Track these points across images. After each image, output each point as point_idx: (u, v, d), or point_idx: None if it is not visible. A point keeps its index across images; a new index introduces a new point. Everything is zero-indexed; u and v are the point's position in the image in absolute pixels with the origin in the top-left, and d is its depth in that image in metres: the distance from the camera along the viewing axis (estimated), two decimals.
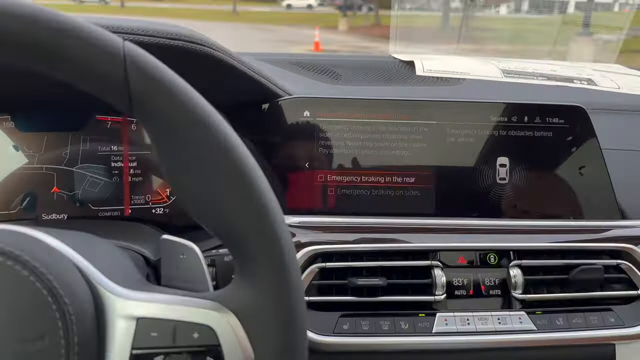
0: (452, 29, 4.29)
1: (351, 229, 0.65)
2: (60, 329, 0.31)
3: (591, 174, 0.69)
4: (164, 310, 0.35)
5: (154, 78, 0.33)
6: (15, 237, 0.34)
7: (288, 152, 0.67)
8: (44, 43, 0.31)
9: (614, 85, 0.91)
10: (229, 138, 0.34)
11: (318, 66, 0.88)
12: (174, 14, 17.35)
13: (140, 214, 0.67)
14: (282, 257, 0.34)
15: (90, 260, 0.36)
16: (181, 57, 0.53)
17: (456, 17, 3.42)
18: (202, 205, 0.35)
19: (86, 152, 0.65)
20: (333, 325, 0.60)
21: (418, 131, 0.68)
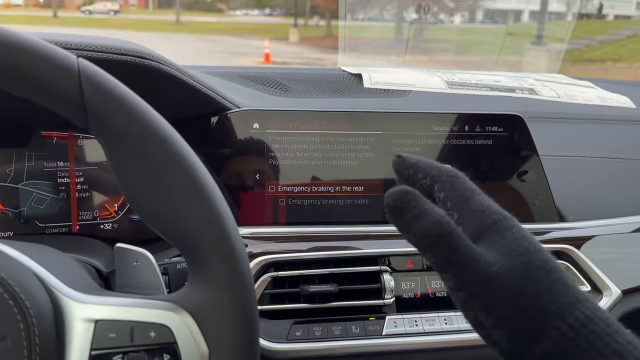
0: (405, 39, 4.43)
1: (302, 238, 0.70)
2: (22, 331, 0.35)
3: (530, 179, 0.76)
4: (121, 312, 0.38)
5: (109, 93, 0.37)
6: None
7: (238, 165, 0.72)
8: (1, 62, 0.35)
9: (554, 94, 1.00)
10: (180, 147, 0.38)
11: (267, 79, 0.93)
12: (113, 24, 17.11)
13: (89, 230, 0.69)
14: (233, 256, 0.38)
15: (47, 268, 0.39)
16: (130, 72, 0.57)
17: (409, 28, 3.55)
18: (155, 212, 0.39)
19: (31, 168, 0.68)
20: (286, 333, 0.64)
21: (365, 141, 0.74)
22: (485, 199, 0.39)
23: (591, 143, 0.89)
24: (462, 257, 0.35)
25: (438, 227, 0.36)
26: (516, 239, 0.36)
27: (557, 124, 0.92)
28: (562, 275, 0.34)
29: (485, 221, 0.37)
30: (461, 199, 0.39)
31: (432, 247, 0.36)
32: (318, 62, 12.07)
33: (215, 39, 15.74)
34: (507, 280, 0.34)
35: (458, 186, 0.40)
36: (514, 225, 0.37)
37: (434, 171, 0.41)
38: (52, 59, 0.36)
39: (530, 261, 0.34)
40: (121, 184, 0.38)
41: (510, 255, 0.35)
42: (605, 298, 0.71)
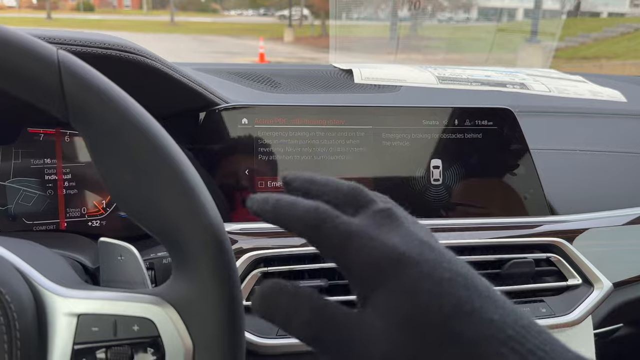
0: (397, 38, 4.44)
1: (292, 233, 0.69)
2: (2, 325, 0.34)
3: (521, 173, 0.76)
4: (104, 305, 0.38)
5: (89, 85, 0.37)
6: None
7: (227, 160, 0.72)
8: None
9: (545, 88, 1.00)
10: (162, 139, 0.38)
11: (256, 75, 0.93)
12: (108, 25, 17.09)
13: (76, 227, 0.69)
14: (216, 249, 0.38)
15: (29, 262, 0.39)
16: (115, 66, 0.57)
17: (402, 27, 3.56)
18: (138, 206, 0.38)
19: (18, 165, 0.67)
20: (276, 328, 0.63)
21: (355, 136, 0.74)
22: (359, 245, 0.33)
23: (582, 137, 0.89)
24: (343, 346, 0.32)
25: (310, 329, 0.33)
26: (400, 302, 0.31)
27: (548, 117, 0.92)
28: (455, 330, 0.29)
29: (365, 283, 0.33)
30: (334, 255, 0.34)
31: (313, 345, 0.33)
32: (312, 62, 12.08)
33: (210, 39, 15.74)
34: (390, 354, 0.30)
35: (323, 238, 0.35)
36: (400, 276, 0.31)
37: (294, 225, 0.37)
38: (31, 51, 0.35)
39: (414, 334, 0.30)
40: (103, 177, 0.38)
41: (394, 325, 0.31)
42: (597, 291, 0.71)
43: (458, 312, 0.29)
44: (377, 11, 6.35)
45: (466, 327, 0.29)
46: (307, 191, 0.40)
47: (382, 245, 0.33)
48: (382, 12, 6.95)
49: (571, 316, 0.69)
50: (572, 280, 0.71)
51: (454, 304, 0.30)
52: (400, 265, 0.32)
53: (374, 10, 6.30)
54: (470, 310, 0.30)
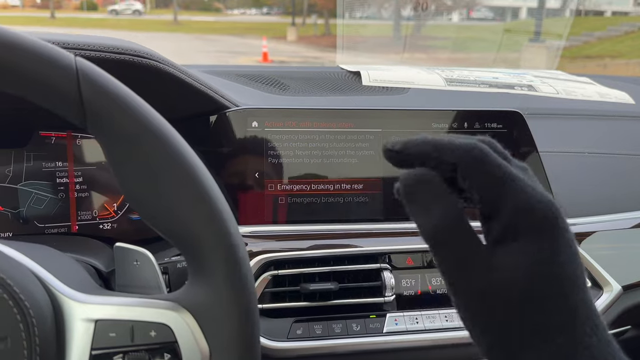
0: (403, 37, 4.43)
1: (302, 236, 0.70)
2: (22, 331, 0.35)
3: None
4: (121, 311, 0.38)
5: (107, 92, 0.37)
6: None
7: (237, 163, 0.72)
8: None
9: (553, 90, 1.00)
10: (179, 145, 0.38)
11: (265, 78, 0.93)
12: (110, 25, 17.11)
13: (88, 230, 0.69)
14: (233, 255, 0.38)
15: (47, 268, 0.39)
16: (128, 71, 0.57)
17: (407, 26, 3.56)
18: (155, 211, 0.39)
19: (30, 168, 0.68)
20: (287, 331, 0.64)
21: (365, 139, 0.74)
22: (519, 190, 0.34)
23: (591, 139, 0.89)
24: (463, 266, 0.34)
25: (440, 233, 0.34)
26: (542, 259, 0.32)
27: (556, 120, 0.92)
28: (585, 298, 0.33)
29: (516, 224, 0.33)
30: (490, 192, 0.34)
31: (432, 248, 0.35)
32: (316, 61, 12.08)
33: (213, 39, 15.74)
34: (508, 302, 0.33)
35: (485, 174, 0.34)
36: (548, 234, 0.33)
37: (452, 157, 0.35)
38: (50, 59, 0.36)
39: (541, 289, 0.32)
40: (120, 182, 0.38)
41: (526, 276, 0.32)
42: (606, 294, 0.71)
43: (579, 286, 0.33)
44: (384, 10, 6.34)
45: (580, 301, 0.32)
46: (427, 159, 0.36)
47: (539, 195, 0.34)
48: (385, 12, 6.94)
49: None
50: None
51: (578, 275, 0.33)
52: (553, 220, 0.33)
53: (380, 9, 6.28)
54: (584, 290, 0.33)
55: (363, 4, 4.45)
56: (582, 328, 0.32)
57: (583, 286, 0.33)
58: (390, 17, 6.60)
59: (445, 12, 10.25)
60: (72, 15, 21.16)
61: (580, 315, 0.32)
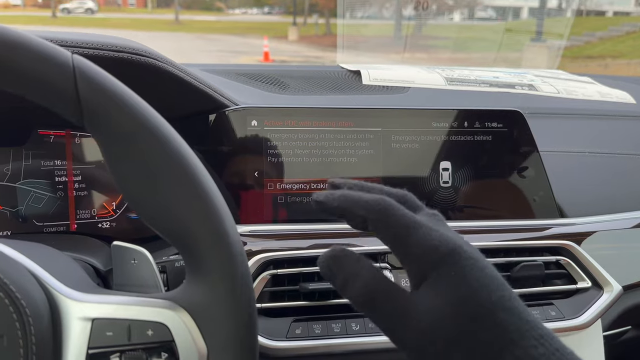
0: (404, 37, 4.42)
1: (301, 236, 0.69)
2: (18, 330, 0.34)
3: (530, 175, 0.76)
4: (118, 310, 0.38)
5: (104, 89, 0.37)
6: None
7: (237, 163, 0.72)
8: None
9: (554, 90, 1.00)
10: (177, 144, 0.38)
11: (265, 77, 0.93)
12: (113, 24, 17.12)
13: (87, 229, 0.69)
14: (230, 253, 0.38)
15: (44, 266, 0.39)
16: (126, 69, 0.57)
17: (408, 26, 3.56)
18: (152, 209, 0.38)
19: (29, 167, 0.67)
20: (286, 331, 0.64)
21: (364, 138, 0.74)
22: (423, 234, 0.38)
23: (591, 139, 0.88)
24: (393, 318, 0.37)
25: (362, 297, 0.38)
26: (453, 284, 0.36)
27: (557, 119, 0.92)
28: (499, 317, 0.34)
29: (423, 266, 0.37)
30: (395, 240, 0.39)
31: (364, 309, 0.39)
32: (317, 61, 12.07)
33: (215, 38, 15.75)
34: (439, 334, 0.35)
35: (390, 224, 0.39)
36: (454, 264, 0.36)
37: (361, 211, 0.40)
38: (46, 56, 0.35)
39: (462, 312, 0.35)
40: (117, 181, 0.38)
41: (444, 305, 0.35)
42: (606, 294, 0.71)
43: (503, 304, 0.35)
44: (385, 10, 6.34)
45: (509, 318, 0.34)
46: (342, 212, 0.42)
47: (442, 235, 0.38)
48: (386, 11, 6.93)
49: (581, 319, 0.69)
50: (581, 283, 0.71)
51: (499, 296, 0.35)
52: (456, 254, 0.37)
53: (381, 9, 6.28)
54: (511, 307, 0.35)
55: (364, 3, 4.45)
56: (526, 341, 0.33)
57: (509, 303, 0.35)
58: (391, 17, 6.60)
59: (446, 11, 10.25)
60: (73, 15, 21.16)
61: (518, 329, 0.34)
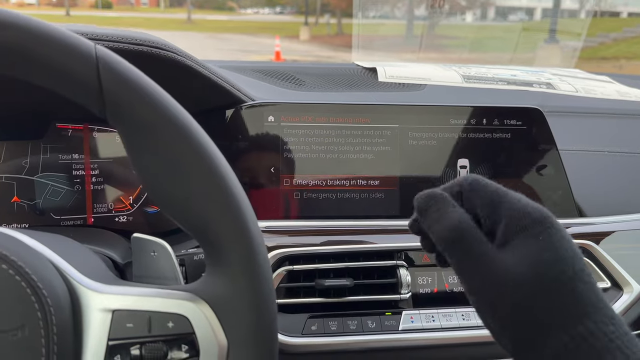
0: (416, 37, 4.40)
1: (317, 232, 0.69)
2: (40, 320, 0.34)
3: (549, 173, 0.75)
4: (138, 302, 0.38)
5: (126, 80, 0.37)
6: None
7: (253, 158, 0.71)
8: (20, 47, 0.34)
9: (572, 88, 0.99)
10: (200, 136, 0.38)
11: (281, 73, 0.93)
12: (125, 23, 17.22)
13: (103, 222, 0.69)
14: (251, 246, 0.38)
15: (65, 258, 0.39)
16: (146, 62, 0.57)
17: (420, 25, 3.54)
18: (174, 202, 0.38)
19: (47, 160, 0.68)
20: (301, 327, 0.63)
21: (381, 134, 0.73)
22: (515, 200, 0.39)
23: (611, 138, 0.87)
24: (475, 263, 0.38)
25: (453, 232, 0.39)
26: (540, 249, 0.36)
27: (576, 118, 0.91)
28: (577, 287, 0.35)
29: (513, 228, 0.38)
30: (491, 205, 0.40)
31: (447, 250, 0.40)
32: (328, 60, 12.06)
33: (227, 37, 15.78)
34: (517, 291, 0.36)
35: (486, 191, 0.41)
36: (542, 231, 0.37)
37: (456, 187, 0.43)
38: (70, 46, 0.35)
39: (545, 273, 0.35)
40: (139, 172, 0.38)
41: (529, 265, 0.36)
42: (626, 295, 0.70)
43: (582, 277, 0.35)
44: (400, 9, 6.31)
45: (586, 292, 0.35)
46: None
47: (533, 204, 0.39)
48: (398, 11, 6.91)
49: None
50: (601, 284, 0.70)
51: (580, 269, 0.36)
52: (546, 222, 0.38)
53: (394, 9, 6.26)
54: (589, 281, 0.36)
55: (379, 3, 4.44)
56: (599, 317, 0.34)
57: (588, 278, 0.36)
58: (403, 17, 6.57)
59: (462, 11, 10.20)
60: (87, 14, 21.32)
61: (593, 305, 0.34)
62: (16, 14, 0.35)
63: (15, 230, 0.39)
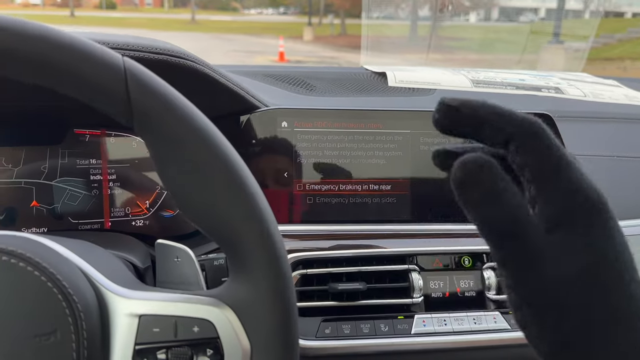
0: (421, 38, 4.41)
1: (330, 236, 0.70)
2: (70, 325, 0.36)
3: None
4: (165, 307, 0.39)
5: (154, 92, 0.38)
6: (24, 242, 0.38)
7: (267, 163, 0.72)
8: (50, 60, 0.35)
9: (581, 93, 1.00)
10: (224, 145, 0.39)
11: (291, 78, 0.94)
12: (129, 23, 17.25)
13: (120, 227, 0.70)
14: (275, 252, 0.39)
15: (91, 263, 0.40)
16: (165, 70, 0.58)
17: (424, 26, 3.55)
18: (198, 208, 0.39)
19: (65, 165, 0.69)
20: (315, 330, 0.64)
21: (393, 140, 0.74)
22: (576, 173, 0.33)
23: (620, 142, 0.88)
24: (523, 257, 0.32)
25: (508, 222, 0.32)
26: (595, 240, 0.32)
27: (585, 122, 0.92)
28: (631, 288, 0.31)
29: (568, 209, 0.32)
30: (546, 171, 0.32)
31: (493, 241, 0.33)
32: (332, 61, 12.07)
33: (231, 38, 15.82)
34: (564, 291, 0.31)
35: (544, 151, 0.33)
36: (599, 220, 0.32)
37: (510, 126, 0.33)
38: (100, 59, 0.36)
39: (597, 273, 0.31)
40: (165, 181, 0.39)
41: (581, 259, 0.31)
42: None
43: (634, 277, 0.31)
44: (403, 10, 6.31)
45: (638, 292, 0.31)
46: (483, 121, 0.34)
47: (593, 184, 0.33)
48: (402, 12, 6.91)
49: None
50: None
51: (633, 268, 0.32)
52: (606, 209, 0.33)
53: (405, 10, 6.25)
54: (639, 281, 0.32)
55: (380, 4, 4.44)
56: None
57: (638, 276, 0.32)
58: (407, 18, 6.57)
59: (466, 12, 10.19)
60: (92, 14, 21.37)
61: (632, 309, 0.31)
62: (44, 27, 0.36)
63: (44, 236, 0.40)
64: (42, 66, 0.35)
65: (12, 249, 0.36)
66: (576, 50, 4.16)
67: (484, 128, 0.34)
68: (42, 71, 0.36)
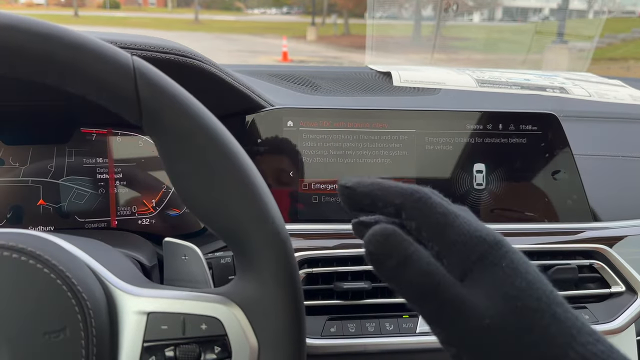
0: (425, 38, 4.41)
1: (336, 235, 0.70)
2: (80, 322, 0.36)
3: (564, 178, 0.76)
4: (173, 304, 0.39)
5: (163, 91, 0.38)
6: (33, 239, 0.38)
7: (272, 162, 0.73)
8: (61, 58, 0.36)
9: (585, 93, 1.00)
10: (232, 145, 0.39)
11: (296, 77, 0.94)
12: (133, 23, 17.28)
13: (127, 225, 0.71)
14: (283, 251, 0.39)
15: (99, 261, 0.40)
16: (173, 70, 0.58)
17: (428, 26, 3.55)
18: (206, 207, 0.40)
19: (72, 164, 0.69)
20: (320, 329, 0.65)
21: (398, 139, 0.74)
22: (465, 223, 0.35)
23: (625, 142, 0.88)
24: (448, 309, 0.33)
25: (424, 280, 0.33)
26: (506, 277, 0.32)
27: (590, 122, 0.92)
28: (556, 311, 0.31)
29: (470, 256, 0.34)
30: (437, 228, 0.35)
31: (418, 300, 0.34)
32: (335, 61, 12.08)
33: (234, 38, 15.84)
34: (499, 333, 0.32)
35: (429, 213, 0.35)
36: (502, 256, 0.33)
37: (397, 198, 0.36)
38: (110, 58, 0.37)
39: (522, 306, 0.32)
40: (173, 179, 0.39)
41: (500, 299, 0.32)
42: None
43: (556, 299, 0.32)
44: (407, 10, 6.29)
45: (564, 313, 0.32)
46: (375, 199, 0.38)
47: (483, 226, 0.35)
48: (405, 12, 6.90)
49: (614, 324, 0.69)
50: (615, 288, 0.71)
51: (551, 291, 0.32)
52: (503, 245, 0.34)
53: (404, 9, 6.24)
54: (561, 302, 0.32)
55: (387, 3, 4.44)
56: (583, 337, 0.31)
57: (559, 298, 0.32)
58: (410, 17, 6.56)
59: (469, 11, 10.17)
60: (95, 14, 21.42)
61: (575, 326, 0.31)
62: (54, 26, 0.36)
63: (53, 234, 0.40)
64: (53, 65, 0.36)
65: (22, 247, 0.36)
66: (580, 50, 4.15)
67: (377, 203, 0.37)
68: (53, 70, 0.36)
